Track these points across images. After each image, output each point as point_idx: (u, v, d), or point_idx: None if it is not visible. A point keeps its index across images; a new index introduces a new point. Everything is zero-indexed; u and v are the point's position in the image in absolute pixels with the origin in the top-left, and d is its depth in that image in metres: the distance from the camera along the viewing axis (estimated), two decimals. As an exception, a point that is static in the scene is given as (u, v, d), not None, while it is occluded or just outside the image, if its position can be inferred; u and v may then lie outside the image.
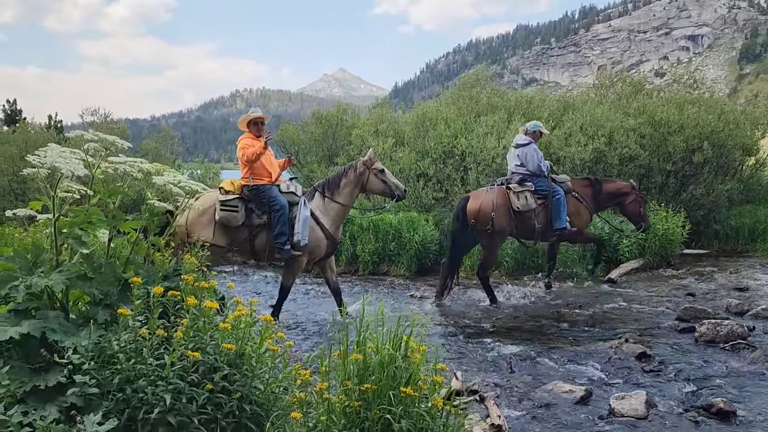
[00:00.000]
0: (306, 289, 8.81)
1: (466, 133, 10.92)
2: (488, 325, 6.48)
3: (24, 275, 2.62)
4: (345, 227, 10.19)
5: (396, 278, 9.50)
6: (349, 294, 8.31)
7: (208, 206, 6.21)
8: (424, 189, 10.98)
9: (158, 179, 3.10)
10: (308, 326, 6.46)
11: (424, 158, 11.19)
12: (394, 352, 2.83)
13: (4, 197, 11.42)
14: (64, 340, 2.57)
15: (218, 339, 2.67)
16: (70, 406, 2.45)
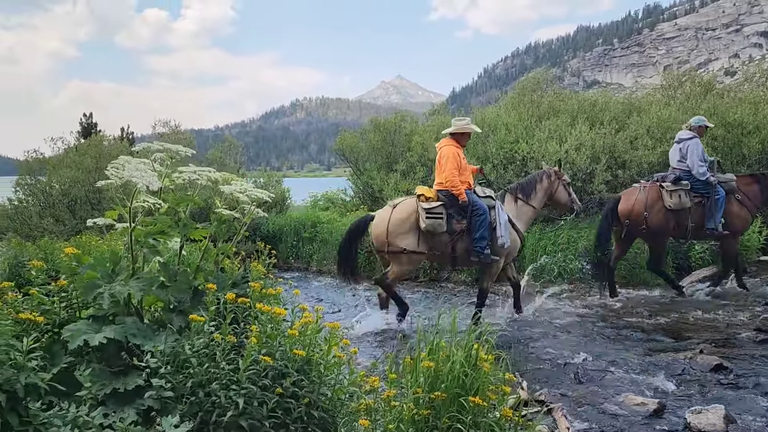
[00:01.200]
0: (367, 296, 8.84)
1: (527, 137, 10.75)
2: (554, 334, 6.34)
3: (105, 283, 2.73)
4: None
5: (456, 285, 9.42)
6: (409, 301, 8.31)
7: (408, 214, 6.41)
8: (484, 195, 10.87)
9: (226, 188, 3.18)
10: (365, 334, 6.48)
11: (485, 164, 11.07)
12: (465, 360, 2.81)
13: (82, 206, 12.02)
14: (145, 344, 2.67)
15: (286, 345, 2.71)
16: (147, 409, 2.54)
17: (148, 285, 2.77)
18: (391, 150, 14.29)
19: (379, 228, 6.49)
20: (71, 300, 2.98)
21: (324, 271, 11.16)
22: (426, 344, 3.09)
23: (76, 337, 2.63)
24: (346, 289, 9.47)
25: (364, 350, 5.68)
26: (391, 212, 6.53)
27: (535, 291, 8.08)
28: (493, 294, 8.53)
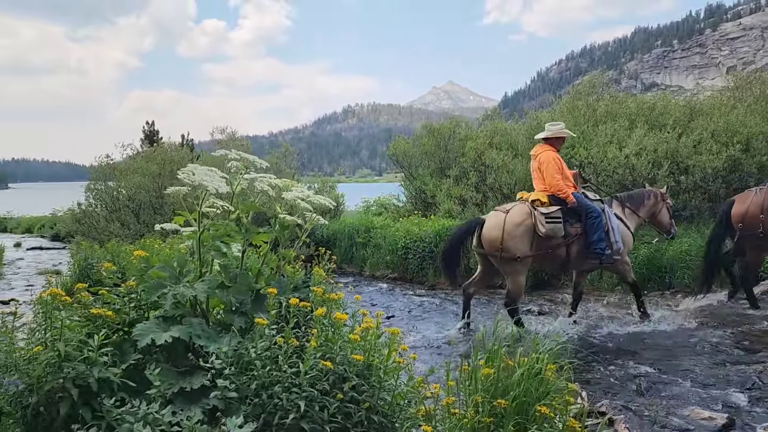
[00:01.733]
0: (420, 301, 8.83)
1: (584, 142, 10.53)
2: (614, 344, 6.17)
3: (172, 284, 2.82)
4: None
5: (511, 292, 9.28)
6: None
7: (523, 219, 6.46)
8: (539, 201, 10.69)
9: (287, 194, 3.24)
10: (419, 340, 6.46)
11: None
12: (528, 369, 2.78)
13: (145, 211, 12.47)
14: (209, 345, 2.74)
15: (347, 350, 2.74)
16: (212, 408, 2.61)
17: (212, 287, 2.85)
18: (444, 155, 14.24)
19: (493, 233, 6.47)
20: (140, 300, 3.09)
21: (377, 276, 11.20)
22: (484, 351, 3.07)
23: (145, 335, 2.73)
24: (399, 294, 9.48)
25: (419, 356, 5.67)
26: (506, 217, 6.51)
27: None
28: (549, 302, 8.39)
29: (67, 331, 2.65)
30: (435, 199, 13.29)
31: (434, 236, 10.30)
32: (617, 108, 11.64)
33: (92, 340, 2.67)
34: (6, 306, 8.05)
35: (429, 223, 10.95)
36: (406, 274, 10.69)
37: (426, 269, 10.32)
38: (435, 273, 10.19)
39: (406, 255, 10.61)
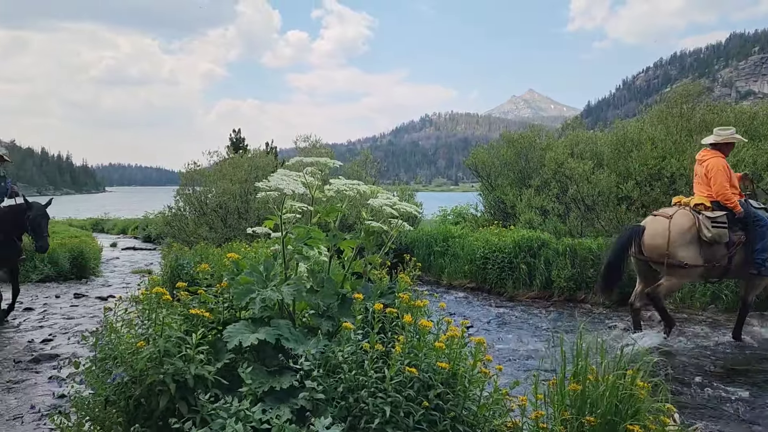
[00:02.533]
0: (498, 312, 8.71)
1: (676, 153, 10.07)
2: (709, 363, 5.85)
3: (259, 288, 2.92)
4: (539, 250, 9.96)
5: (594, 306, 9.00)
6: (544, 320, 8.07)
7: (689, 225, 6.35)
8: (626, 213, 10.31)
9: (374, 201, 3.29)
10: (500, 352, 6.37)
11: (627, 181, 10.52)
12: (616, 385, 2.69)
13: (231, 215, 12.98)
14: (296, 347, 2.82)
15: (431, 357, 2.74)
16: (300, 408, 2.68)
17: (299, 291, 2.94)
18: (525, 165, 14.01)
19: (658, 239, 6.33)
20: (232, 301, 3.22)
21: (455, 285, 11.13)
22: (572, 365, 2.99)
23: (234, 337, 2.84)
24: (477, 305, 9.39)
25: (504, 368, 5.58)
26: (670, 222, 6.35)
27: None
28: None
29: (167, 328, 2.79)
30: (514, 210, 13.09)
31: (514, 247, 10.14)
32: (713, 117, 11.06)
33: (190, 338, 2.81)
34: (105, 302, 8.56)
35: (509, 233, 10.79)
36: (485, 284, 10.57)
37: (505, 280, 10.16)
38: (514, 284, 10.02)
39: (485, 265, 10.49)
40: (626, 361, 2.92)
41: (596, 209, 11.12)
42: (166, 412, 2.75)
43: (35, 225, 7.44)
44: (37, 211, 7.53)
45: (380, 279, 3.28)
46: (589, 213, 11.34)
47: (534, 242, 10.09)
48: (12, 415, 4.18)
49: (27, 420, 4.07)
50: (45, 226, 7.59)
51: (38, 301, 9.28)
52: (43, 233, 7.52)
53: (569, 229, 11.30)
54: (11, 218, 7.46)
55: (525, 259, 10.01)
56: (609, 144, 11.85)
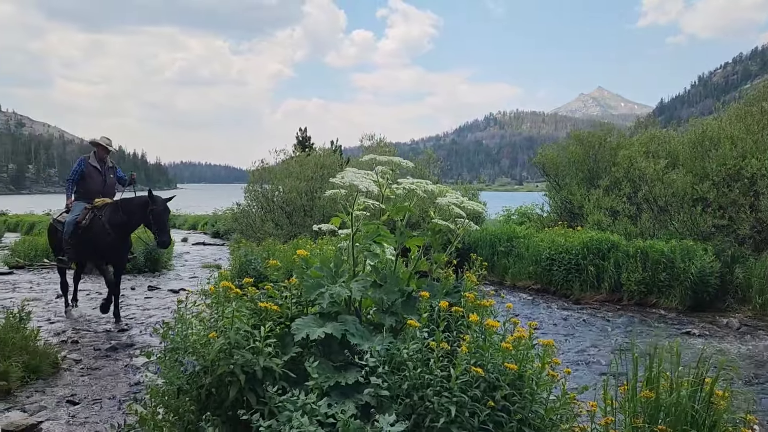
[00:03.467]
0: (564, 315, 8.50)
1: (757, 152, 9.55)
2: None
3: (329, 284, 2.96)
4: (609, 253, 9.66)
5: (666, 311, 8.65)
6: (613, 324, 7.83)
7: None
8: (701, 215, 9.86)
9: (441, 200, 3.27)
10: (567, 355, 6.22)
11: (703, 181, 10.06)
12: (691, 395, 2.58)
13: (296, 213, 13.23)
14: (361, 343, 2.83)
15: (498, 358, 2.70)
16: (365, 404, 2.69)
17: (366, 287, 2.96)
18: (594, 165, 13.62)
19: None
20: (300, 297, 3.27)
21: (519, 286, 10.95)
22: (644, 371, 2.88)
23: (301, 330, 2.88)
24: (542, 307, 9.20)
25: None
26: None
27: None
28: (711, 325, 7.72)
29: (237, 321, 2.87)
30: (582, 210, 12.75)
31: (581, 248, 9.88)
32: (798, 114, 10.43)
33: (258, 331, 2.88)
34: (176, 294, 8.89)
35: (576, 234, 10.52)
36: (550, 286, 10.35)
37: (571, 282, 9.92)
38: (581, 286, 9.77)
39: (551, 266, 10.27)
40: (704, 369, 2.79)
41: (670, 211, 10.68)
42: (235, 403, 2.83)
43: (159, 219, 7.21)
44: (161, 204, 7.30)
45: (446, 278, 3.26)
46: (662, 214, 10.91)
47: (603, 244, 9.80)
48: (92, 399, 4.40)
49: (105, 405, 4.27)
50: (168, 220, 7.38)
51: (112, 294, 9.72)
52: (167, 228, 7.30)
53: (641, 230, 10.91)
54: (137, 211, 7.29)
55: (593, 261, 9.74)
56: (685, 143, 11.36)
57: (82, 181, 7.69)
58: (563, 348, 6.42)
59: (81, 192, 7.68)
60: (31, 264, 13.19)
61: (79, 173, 7.71)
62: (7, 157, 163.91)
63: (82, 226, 7.31)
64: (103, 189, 7.79)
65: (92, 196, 7.63)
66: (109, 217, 7.28)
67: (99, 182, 7.74)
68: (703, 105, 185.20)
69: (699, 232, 9.90)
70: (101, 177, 7.80)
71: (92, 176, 7.72)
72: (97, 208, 7.46)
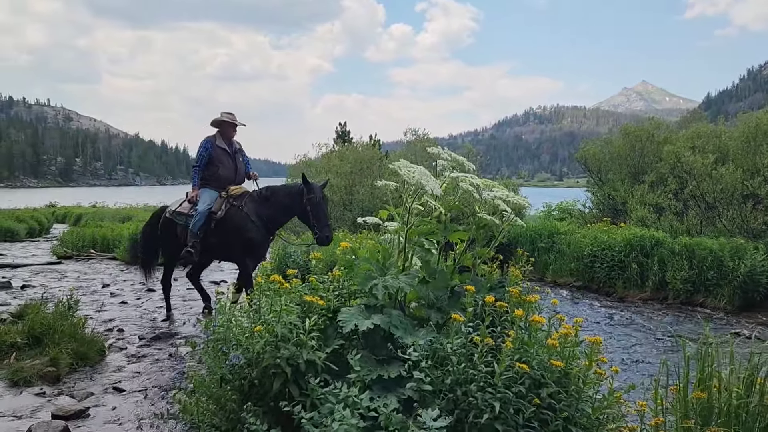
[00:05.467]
0: (608, 313, 8.33)
1: (812, 147, 9.18)
2: None
3: (379, 276, 2.95)
4: (653, 250, 9.43)
5: (714, 311, 8.39)
6: (658, 323, 7.64)
7: None
8: (752, 212, 9.53)
9: (488, 194, 3.22)
10: (615, 354, 6.08)
11: (754, 177, 9.72)
12: (743, 395, 2.48)
13: (335, 206, 13.29)
14: (404, 337, 2.82)
15: (543, 354, 2.65)
16: (407, 398, 2.67)
17: (415, 281, 2.94)
18: (639, 160, 13.31)
19: None
20: (342, 289, 3.27)
21: (560, 282, 10.77)
22: (696, 372, 2.79)
23: (349, 321, 2.87)
24: (585, 304, 9.04)
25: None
26: None
27: None
28: (764, 326, 7.46)
29: (284, 314, 2.87)
30: (625, 206, 12.47)
31: (625, 245, 9.66)
32: None
33: (303, 324, 2.88)
34: (217, 286, 9.03)
35: (619, 231, 10.29)
36: (592, 283, 10.15)
37: (614, 279, 9.71)
38: (624, 284, 9.56)
39: (593, 263, 10.07)
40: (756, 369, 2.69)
41: (718, 207, 10.36)
42: (278, 394, 2.84)
43: (318, 210, 6.08)
44: (319, 193, 6.14)
45: (490, 273, 3.21)
46: (710, 211, 10.59)
47: (647, 241, 9.56)
48: (137, 387, 4.49)
49: (149, 394, 4.36)
50: (327, 211, 6.29)
51: (158, 283, 9.94)
52: (327, 220, 6.21)
53: (687, 227, 10.61)
54: (290, 201, 6.27)
55: (637, 258, 9.51)
56: (736, 137, 10.99)
57: (211, 167, 6.60)
58: (607, 347, 6.29)
59: (209, 179, 6.59)
60: (78, 254, 13.57)
61: (206, 158, 6.60)
62: (55, 150, 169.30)
63: (217, 218, 6.35)
64: (235, 175, 6.72)
65: (223, 183, 6.59)
66: (255, 208, 6.33)
67: (230, 167, 6.68)
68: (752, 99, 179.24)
69: (749, 230, 9.58)
70: (231, 161, 6.71)
71: (222, 160, 6.63)
72: (233, 198, 6.46)
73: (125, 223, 16.76)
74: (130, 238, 12.50)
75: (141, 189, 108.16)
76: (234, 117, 6.78)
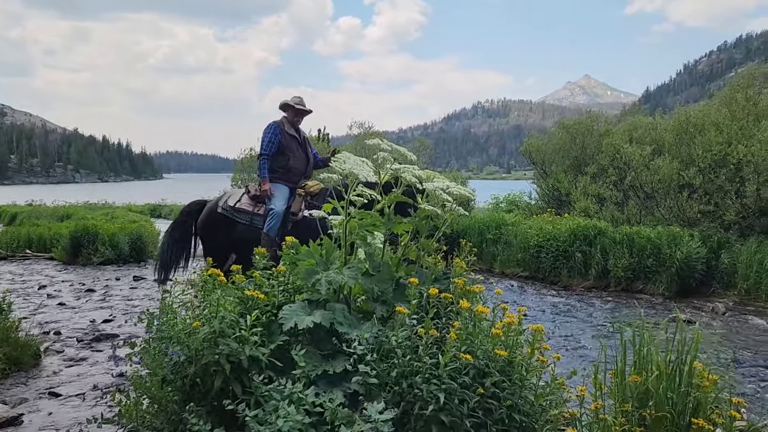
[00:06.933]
0: (553, 302, 8.52)
1: (743, 139, 9.59)
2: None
3: (322, 270, 2.91)
4: (595, 239, 9.69)
5: (653, 297, 8.71)
6: (600, 310, 7.86)
7: None
8: (688, 201, 9.91)
9: (428, 185, 3.22)
10: (556, 341, 6.23)
11: (689, 167, 10.10)
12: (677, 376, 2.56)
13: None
14: (350, 332, 2.79)
15: (488, 344, 2.67)
16: (353, 393, 2.65)
17: (359, 274, 2.91)
18: (581, 152, 13.64)
19: None
20: (287, 284, 3.22)
21: (507, 273, 10.96)
22: (632, 356, 2.87)
23: (289, 319, 2.82)
24: (531, 294, 9.22)
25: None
26: None
27: None
28: (697, 310, 7.77)
29: (223, 310, 2.81)
30: (569, 197, 12.78)
31: (569, 235, 9.90)
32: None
33: (244, 319, 2.82)
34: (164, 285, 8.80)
35: (563, 221, 10.54)
36: (538, 273, 10.37)
37: (559, 269, 9.94)
38: (569, 273, 9.80)
39: (539, 254, 10.29)
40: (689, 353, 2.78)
41: (656, 197, 10.73)
42: (220, 393, 2.77)
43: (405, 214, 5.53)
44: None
45: (435, 265, 3.22)
46: (649, 201, 10.96)
47: (590, 231, 9.83)
48: (74, 391, 4.33)
49: (88, 397, 4.20)
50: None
51: (99, 283, 9.62)
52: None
53: (627, 217, 10.96)
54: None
55: (580, 247, 9.77)
56: (671, 130, 11.40)
57: (281, 157, 5.71)
58: (552, 334, 6.43)
59: (278, 171, 5.71)
60: (13, 255, 12.99)
61: (276, 145, 5.70)
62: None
63: (296, 219, 5.48)
64: (306, 167, 5.89)
65: (294, 176, 5.76)
66: None
67: (301, 158, 5.83)
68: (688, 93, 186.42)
69: (685, 219, 9.96)
70: (302, 151, 5.87)
71: (292, 149, 5.77)
72: (310, 196, 5.66)
73: (64, 222, 16.12)
74: (71, 237, 12.05)
75: (82, 186, 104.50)
76: (304, 102, 6.02)
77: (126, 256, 12.30)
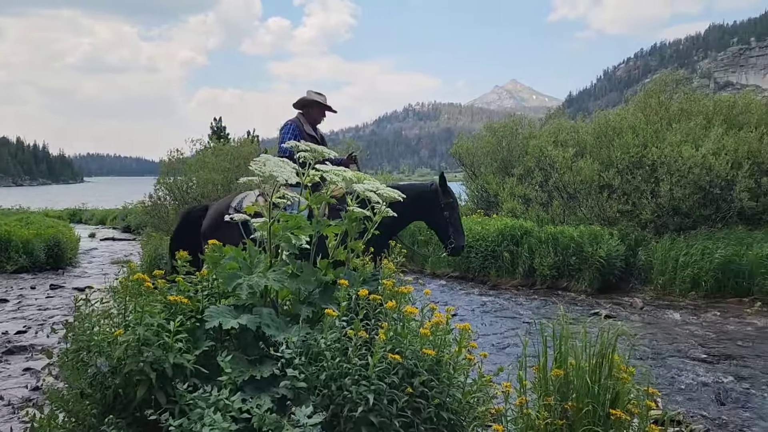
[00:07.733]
0: (482, 301, 8.71)
1: (657, 141, 10.12)
2: (691, 349, 5.90)
3: (245, 274, 2.85)
4: (522, 239, 9.97)
5: (577, 294, 9.04)
6: (527, 308, 8.09)
7: None
8: (608, 201, 10.36)
9: (358, 186, 3.22)
10: (483, 339, 6.36)
11: (608, 169, 10.56)
12: (596, 369, 2.67)
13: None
14: (277, 335, 2.75)
15: (417, 344, 2.69)
16: (281, 397, 2.61)
17: (283, 277, 2.87)
18: (507, 154, 14.01)
19: None
20: (212, 289, 3.14)
21: (438, 274, 11.12)
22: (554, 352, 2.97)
23: (214, 318, 2.75)
24: (461, 293, 9.39)
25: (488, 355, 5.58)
26: None
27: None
28: (617, 306, 8.12)
29: (147, 316, 2.71)
30: (497, 198, 13.10)
31: (497, 235, 10.14)
32: (692, 106, 11.15)
33: (169, 326, 2.73)
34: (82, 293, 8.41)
35: (492, 222, 10.79)
36: (468, 272, 10.58)
37: (488, 268, 10.17)
38: (497, 273, 10.03)
39: (468, 254, 10.48)
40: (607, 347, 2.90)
41: (578, 197, 11.15)
42: (143, 403, 2.67)
43: (456, 216, 5.22)
44: (452, 195, 5.27)
45: (363, 266, 3.22)
46: (572, 201, 11.38)
47: (517, 230, 10.11)
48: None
49: (0, 412, 3.96)
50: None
51: (13, 292, 9.10)
52: (462, 226, 5.30)
53: (552, 217, 11.34)
54: (423, 205, 5.17)
55: (508, 247, 10.02)
56: (591, 133, 11.88)
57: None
58: (480, 333, 6.57)
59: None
60: None
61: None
62: None
63: None
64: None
65: None
66: None
67: (320, 160, 5.45)
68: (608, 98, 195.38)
69: (605, 218, 10.40)
70: None
71: None
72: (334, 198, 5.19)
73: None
74: None
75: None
76: (325, 98, 5.65)
77: (42, 263, 11.69)
